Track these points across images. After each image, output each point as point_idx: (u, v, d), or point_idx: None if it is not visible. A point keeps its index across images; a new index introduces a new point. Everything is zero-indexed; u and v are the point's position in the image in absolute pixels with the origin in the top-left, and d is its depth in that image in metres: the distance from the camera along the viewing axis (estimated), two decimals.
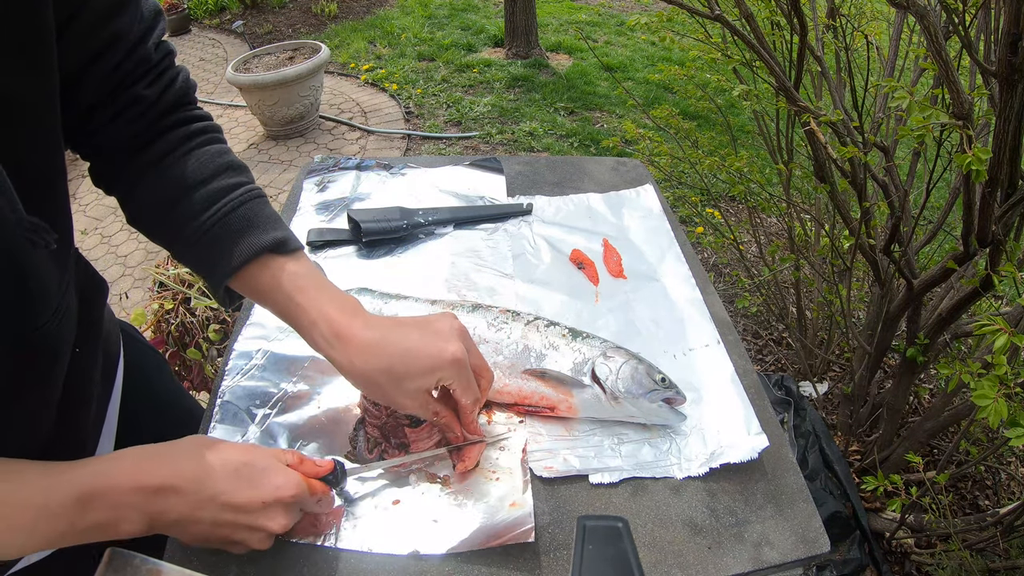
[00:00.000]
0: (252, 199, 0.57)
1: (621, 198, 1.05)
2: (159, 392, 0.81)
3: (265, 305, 0.59)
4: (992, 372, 0.78)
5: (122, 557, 0.43)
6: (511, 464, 0.64)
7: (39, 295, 0.45)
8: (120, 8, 0.50)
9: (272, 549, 0.57)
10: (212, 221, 0.55)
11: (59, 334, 0.49)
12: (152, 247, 2.86)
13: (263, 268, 0.56)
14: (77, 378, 0.56)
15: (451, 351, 0.55)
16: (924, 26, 0.78)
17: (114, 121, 0.53)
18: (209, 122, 0.59)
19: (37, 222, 0.41)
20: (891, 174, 1.13)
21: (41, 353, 0.48)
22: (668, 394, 0.67)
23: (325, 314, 0.55)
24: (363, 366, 0.54)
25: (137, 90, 0.53)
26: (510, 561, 0.57)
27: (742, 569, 0.58)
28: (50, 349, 0.49)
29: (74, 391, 0.56)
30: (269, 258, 0.56)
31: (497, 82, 4.29)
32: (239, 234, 0.55)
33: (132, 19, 0.51)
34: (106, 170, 0.57)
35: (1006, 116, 0.73)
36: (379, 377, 0.54)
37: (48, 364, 0.49)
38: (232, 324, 1.66)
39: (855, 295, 1.82)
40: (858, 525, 1.39)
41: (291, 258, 0.58)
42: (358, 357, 0.54)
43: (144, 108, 0.54)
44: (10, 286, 0.41)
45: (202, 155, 0.56)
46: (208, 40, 5.59)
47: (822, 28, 1.33)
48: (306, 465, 0.55)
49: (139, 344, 0.79)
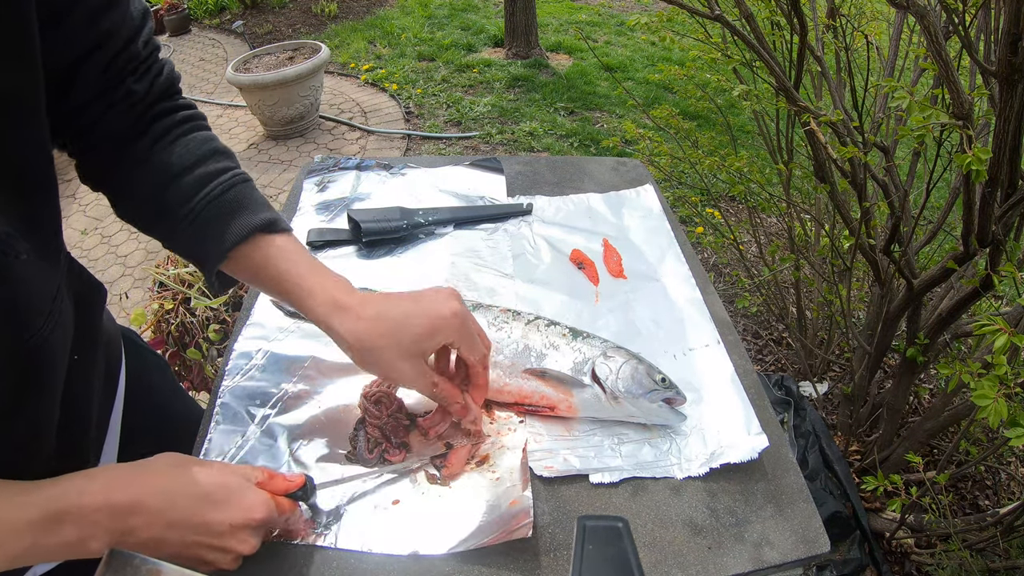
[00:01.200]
0: (240, 183, 0.58)
1: (621, 198, 1.05)
2: (161, 397, 0.81)
3: (258, 284, 0.59)
4: (992, 372, 0.78)
5: (122, 557, 0.43)
6: (511, 464, 0.64)
7: (26, 303, 0.45)
8: (110, 5, 0.50)
9: (272, 549, 0.57)
10: (202, 204, 0.55)
11: (54, 341, 0.49)
12: (152, 247, 2.86)
13: (255, 247, 0.56)
14: (77, 385, 0.56)
15: (451, 308, 0.55)
16: (924, 26, 0.78)
17: (104, 116, 0.54)
18: (194, 111, 0.60)
19: (7, 231, 0.41)
20: (891, 174, 1.13)
21: (37, 361, 0.47)
22: (668, 394, 0.67)
23: (322, 284, 0.55)
24: (363, 331, 0.53)
25: (127, 85, 0.54)
26: (510, 561, 0.57)
27: (742, 569, 0.58)
28: (46, 357, 0.48)
29: (75, 398, 0.55)
30: (260, 237, 0.57)
31: (497, 82, 4.29)
32: (230, 215, 0.55)
33: (123, 17, 0.52)
34: (95, 165, 0.57)
35: (1006, 116, 0.73)
36: (379, 341, 0.53)
37: (46, 372, 0.49)
38: (232, 324, 1.66)
39: (855, 295, 1.82)
40: (858, 525, 1.39)
41: (281, 236, 0.58)
42: (358, 323, 0.54)
43: (134, 102, 0.54)
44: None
45: (189, 142, 0.57)
46: (208, 40, 5.58)
47: (822, 28, 1.32)
48: (276, 481, 0.54)
49: (140, 348, 0.79)
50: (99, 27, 0.50)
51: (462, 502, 0.61)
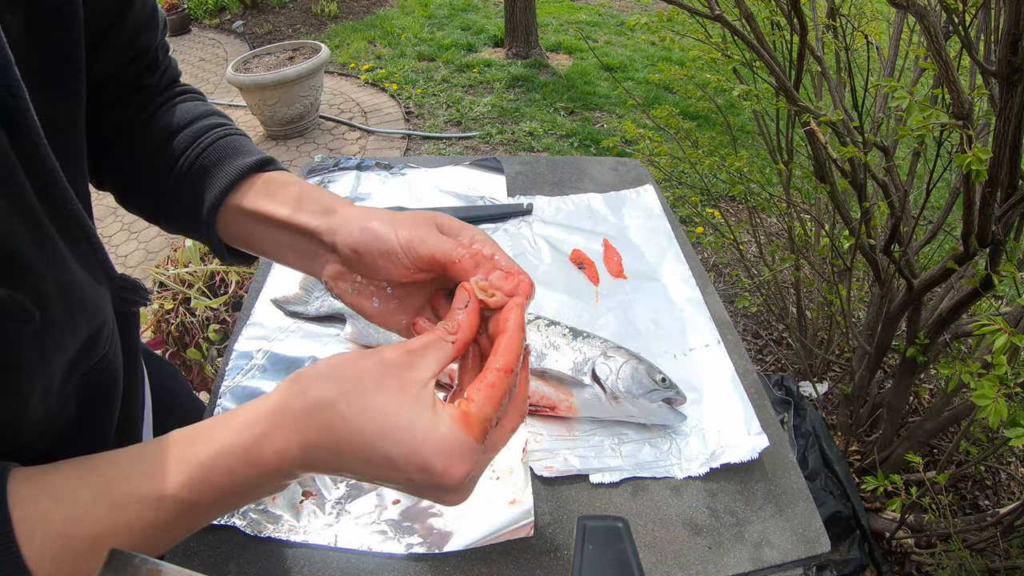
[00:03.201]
0: (235, 134, 0.56)
1: (621, 198, 1.05)
2: (181, 403, 0.80)
3: (256, 225, 0.53)
4: (992, 372, 0.78)
5: (122, 557, 0.43)
6: (511, 464, 0.64)
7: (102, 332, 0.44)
8: (148, 26, 0.52)
9: (272, 549, 0.57)
10: (196, 152, 0.54)
11: (115, 360, 0.48)
12: (152, 247, 2.86)
13: (250, 186, 0.53)
14: (126, 408, 0.54)
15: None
16: (924, 26, 0.78)
17: (114, 110, 0.54)
18: (196, 91, 0.61)
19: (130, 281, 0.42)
20: (891, 174, 1.13)
21: (103, 383, 0.46)
22: (668, 394, 0.67)
23: (315, 194, 0.51)
24: (358, 218, 0.47)
25: (141, 81, 0.55)
26: (510, 561, 0.57)
27: (742, 569, 0.58)
28: (110, 377, 0.47)
29: (126, 419, 0.54)
30: (256, 176, 0.53)
31: (497, 82, 4.29)
32: (225, 160, 0.53)
33: (155, 34, 0.53)
34: (97, 152, 0.57)
35: (1006, 116, 0.73)
36: (374, 223, 0.46)
37: (109, 392, 0.48)
38: (232, 324, 1.66)
39: (855, 295, 1.82)
40: (858, 525, 1.39)
41: (277, 171, 0.55)
42: (352, 212, 0.48)
43: (146, 95, 0.55)
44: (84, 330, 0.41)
45: (186, 107, 0.57)
46: (208, 40, 5.59)
47: (822, 28, 1.33)
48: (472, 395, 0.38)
49: (153, 356, 0.79)
50: (136, 46, 0.51)
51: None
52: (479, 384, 0.38)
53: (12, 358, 0.35)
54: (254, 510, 0.60)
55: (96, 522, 0.34)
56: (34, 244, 0.36)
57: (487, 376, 0.38)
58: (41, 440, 0.41)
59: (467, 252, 0.45)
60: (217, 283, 1.80)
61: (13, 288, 0.33)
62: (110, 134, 0.56)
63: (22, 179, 0.35)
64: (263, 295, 0.85)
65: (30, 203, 0.36)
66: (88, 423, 0.46)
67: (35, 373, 0.37)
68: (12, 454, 0.36)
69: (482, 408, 0.37)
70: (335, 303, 0.82)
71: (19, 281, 0.34)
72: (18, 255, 0.34)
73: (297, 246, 0.51)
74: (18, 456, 0.36)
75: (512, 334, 0.41)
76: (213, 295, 1.75)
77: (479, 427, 0.37)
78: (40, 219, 0.36)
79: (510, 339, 0.41)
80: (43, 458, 0.36)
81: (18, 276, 0.34)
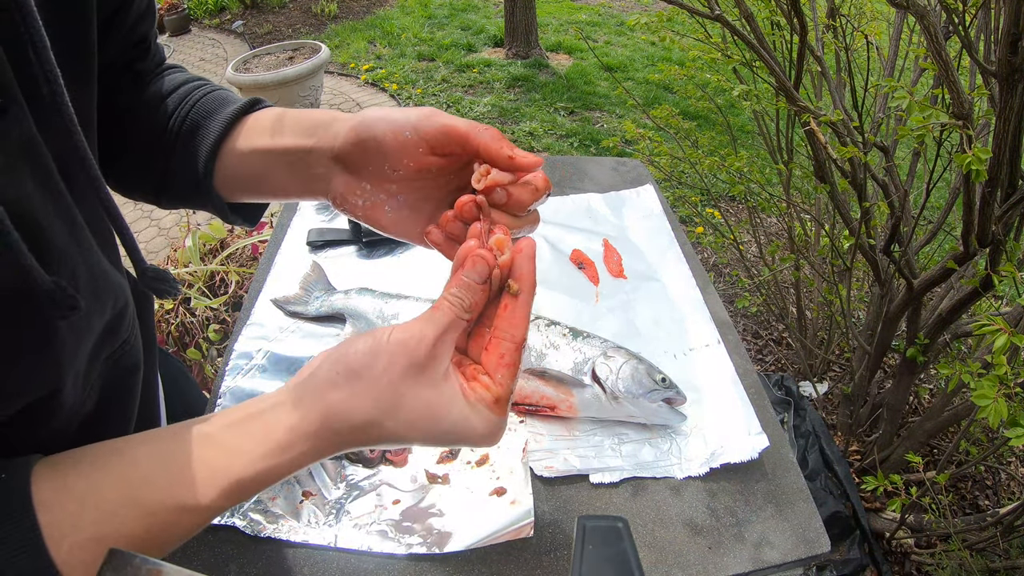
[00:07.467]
0: (220, 89, 0.56)
1: (621, 198, 1.05)
2: (192, 398, 0.81)
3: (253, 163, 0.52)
4: (992, 372, 0.78)
5: (122, 557, 0.43)
6: (511, 464, 0.64)
7: (126, 315, 0.46)
8: (147, 14, 0.52)
9: (272, 549, 0.57)
10: (186, 110, 0.54)
11: (137, 346, 0.49)
12: (152, 247, 2.86)
13: (241, 128, 0.52)
14: (145, 394, 0.55)
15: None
16: (924, 26, 0.78)
17: (110, 95, 0.54)
18: (179, 65, 0.61)
19: (161, 272, 0.43)
20: (891, 174, 1.13)
21: (126, 365, 0.47)
22: (668, 394, 0.67)
23: (307, 114, 0.50)
24: (359, 114, 0.46)
25: (135, 66, 0.55)
26: (510, 561, 0.57)
27: (742, 569, 0.58)
28: (132, 360, 0.48)
29: (144, 406, 0.55)
30: (245, 118, 0.53)
31: (497, 82, 4.29)
32: (214, 112, 0.53)
33: (152, 23, 0.54)
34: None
35: (1006, 116, 0.73)
36: (377, 111, 0.46)
37: (132, 376, 0.49)
38: (232, 324, 1.66)
39: (855, 295, 1.82)
40: (858, 525, 1.39)
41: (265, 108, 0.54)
42: (351, 115, 0.47)
43: (138, 78, 0.56)
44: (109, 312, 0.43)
45: (173, 76, 0.57)
46: (208, 40, 5.58)
47: (822, 28, 1.32)
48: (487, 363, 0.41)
49: (163, 353, 0.79)
50: (137, 32, 0.51)
51: (462, 502, 0.61)
52: (501, 367, 0.40)
53: (55, 343, 0.36)
54: (254, 510, 0.60)
55: (127, 526, 0.35)
56: (66, 230, 0.36)
57: (506, 355, 0.41)
58: (67, 432, 0.42)
59: (483, 127, 0.43)
60: (217, 283, 1.80)
61: (57, 275, 0.33)
62: (106, 118, 0.56)
63: (51, 165, 0.35)
64: (263, 295, 0.85)
65: (59, 189, 0.36)
66: (111, 410, 0.47)
67: (72, 356, 0.38)
68: (42, 444, 0.37)
69: (507, 389, 0.40)
70: (335, 303, 0.82)
71: (59, 268, 0.35)
72: (56, 242, 0.35)
73: (299, 171, 0.49)
74: (46, 448, 0.36)
75: (523, 299, 0.43)
76: (213, 295, 1.75)
77: (507, 403, 0.41)
78: (69, 205, 0.37)
79: (523, 305, 0.42)
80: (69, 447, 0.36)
81: (58, 263, 0.35)
